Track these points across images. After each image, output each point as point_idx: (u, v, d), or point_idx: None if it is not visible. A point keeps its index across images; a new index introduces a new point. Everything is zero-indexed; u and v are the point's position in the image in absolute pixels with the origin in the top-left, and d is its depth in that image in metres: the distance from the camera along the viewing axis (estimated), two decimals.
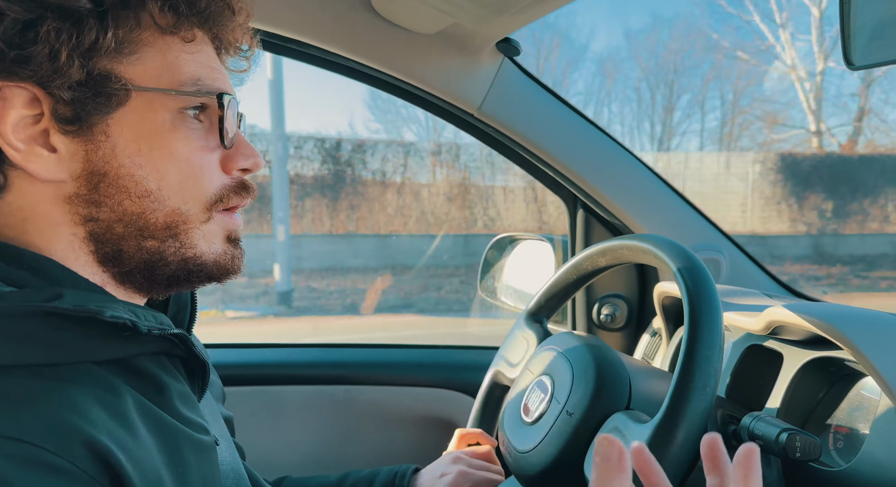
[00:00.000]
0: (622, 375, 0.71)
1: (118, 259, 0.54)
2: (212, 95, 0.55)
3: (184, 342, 0.54)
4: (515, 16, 0.89)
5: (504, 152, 1.19)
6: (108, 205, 0.52)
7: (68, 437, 0.42)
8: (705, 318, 0.63)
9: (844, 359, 0.76)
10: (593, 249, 0.84)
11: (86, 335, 0.47)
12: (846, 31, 0.68)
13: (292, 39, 0.99)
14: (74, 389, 0.45)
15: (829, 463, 0.73)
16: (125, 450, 0.44)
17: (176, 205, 0.54)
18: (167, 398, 0.52)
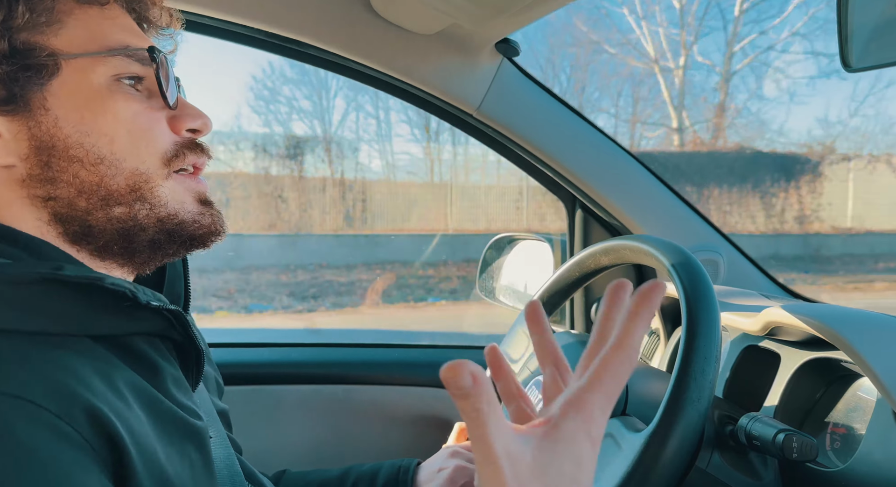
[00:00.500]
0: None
1: (89, 235, 0.53)
2: (143, 53, 0.54)
3: (180, 321, 0.53)
4: (514, 17, 0.89)
5: (503, 152, 1.19)
6: (64, 179, 0.51)
7: (69, 402, 0.42)
8: (703, 326, 0.63)
9: (841, 360, 0.76)
10: (597, 247, 0.84)
11: (86, 304, 0.47)
12: (843, 33, 0.68)
13: (292, 39, 0.99)
14: (74, 357, 0.45)
15: (826, 464, 0.73)
16: (123, 421, 0.44)
17: (133, 165, 0.53)
18: (161, 381, 0.52)
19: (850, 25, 0.69)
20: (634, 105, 12.62)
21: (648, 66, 12.27)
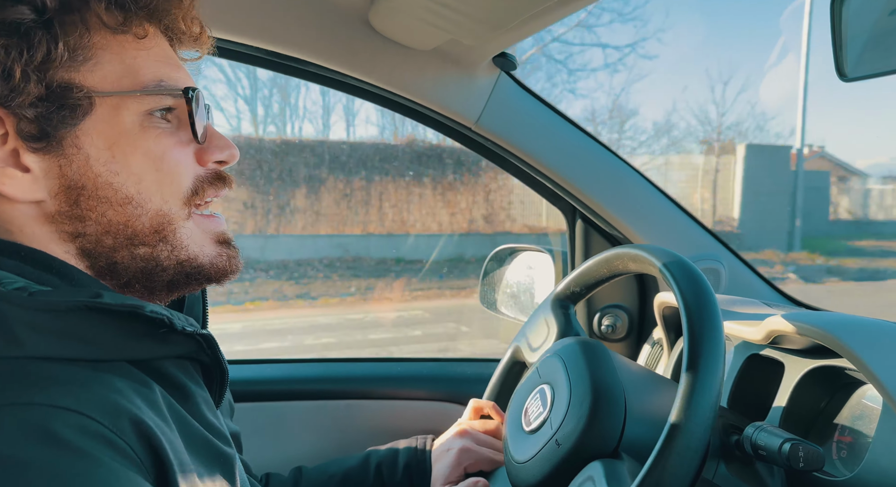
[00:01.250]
0: (616, 413, 0.69)
1: (114, 271, 0.54)
2: (177, 93, 0.54)
3: (210, 344, 0.54)
4: (511, 31, 0.90)
5: (502, 165, 1.20)
6: (92, 218, 0.52)
7: (118, 415, 0.43)
8: (706, 342, 0.62)
9: (845, 368, 0.76)
10: (626, 250, 0.82)
11: (123, 331, 0.48)
12: (837, 42, 0.69)
13: (291, 57, 1.00)
14: (115, 378, 0.46)
15: (833, 473, 0.73)
16: (165, 436, 0.45)
17: (158, 206, 0.54)
18: (193, 403, 0.53)
19: (844, 35, 0.70)
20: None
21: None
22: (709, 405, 0.60)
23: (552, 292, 0.92)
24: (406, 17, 0.91)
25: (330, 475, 0.89)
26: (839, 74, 0.68)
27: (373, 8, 0.93)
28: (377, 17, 0.95)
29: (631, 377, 0.75)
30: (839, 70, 0.67)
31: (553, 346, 0.84)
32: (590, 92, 22.64)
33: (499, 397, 0.97)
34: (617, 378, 0.72)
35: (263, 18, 0.95)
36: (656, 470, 0.58)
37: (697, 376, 0.60)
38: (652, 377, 0.79)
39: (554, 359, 0.80)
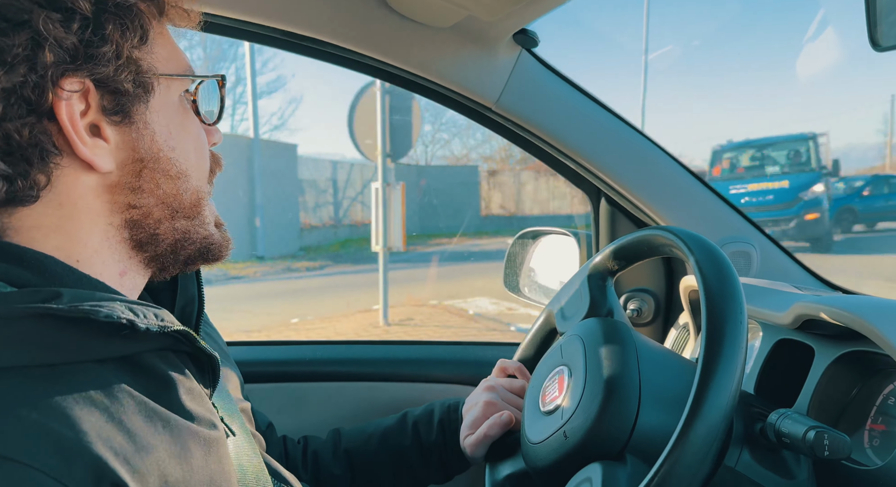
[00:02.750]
0: (627, 414, 0.67)
1: (151, 243, 0.56)
2: (215, 77, 0.60)
3: (187, 338, 0.54)
4: (530, 6, 0.87)
5: (524, 146, 1.17)
6: (148, 189, 0.55)
7: (69, 458, 0.40)
8: (727, 313, 0.61)
9: (879, 353, 0.73)
10: (654, 231, 0.79)
11: (83, 334, 0.47)
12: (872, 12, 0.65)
13: (308, 37, 0.99)
14: (72, 394, 0.44)
15: (864, 462, 0.70)
16: (125, 458, 0.43)
17: (197, 183, 0.58)
18: (172, 395, 0.52)
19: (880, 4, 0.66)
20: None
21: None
22: (727, 391, 0.58)
23: (589, 261, 0.90)
24: None
25: (369, 434, 0.92)
26: (873, 44, 0.64)
27: None
28: None
29: (653, 361, 0.73)
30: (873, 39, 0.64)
31: (578, 326, 0.82)
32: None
33: (527, 360, 0.96)
34: (635, 372, 0.70)
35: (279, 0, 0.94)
36: (672, 456, 0.56)
37: (716, 361, 0.58)
38: (676, 361, 0.77)
39: (576, 341, 0.79)
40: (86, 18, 0.48)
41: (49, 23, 0.46)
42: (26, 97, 0.47)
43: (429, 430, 0.90)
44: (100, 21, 0.49)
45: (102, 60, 0.49)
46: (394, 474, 0.90)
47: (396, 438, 0.91)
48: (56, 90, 0.48)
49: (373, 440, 0.91)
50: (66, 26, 0.47)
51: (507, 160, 26.87)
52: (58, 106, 0.48)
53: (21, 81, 0.46)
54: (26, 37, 0.46)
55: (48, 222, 0.51)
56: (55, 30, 0.47)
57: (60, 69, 0.48)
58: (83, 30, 0.48)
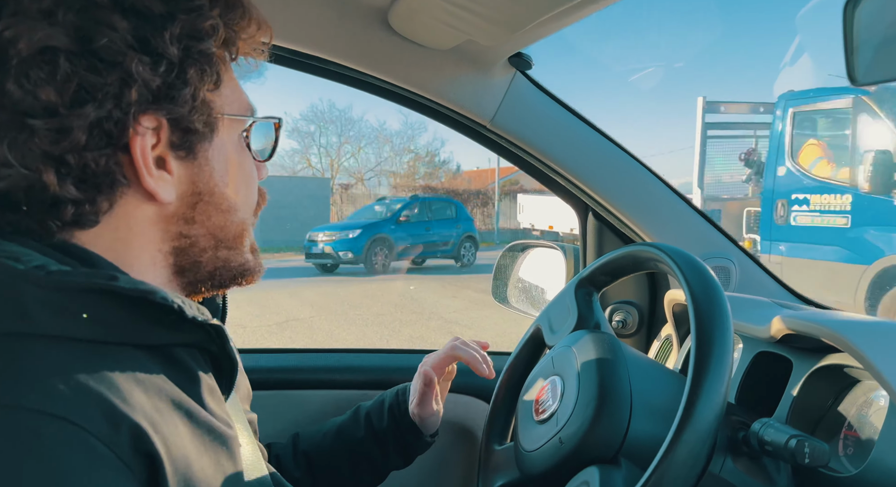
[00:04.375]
0: (620, 419, 0.70)
1: (195, 269, 0.59)
2: (273, 120, 0.64)
3: (220, 335, 0.57)
4: (528, 33, 0.91)
5: (516, 162, 1.21)
6: (199, 221, 0.57)
7: (113, 422, 0.44)
8: (716, 323, 0.64)
9: (853, 366, 0.77)
10: (641, 246, 0.82)
11: (134, 316, 0.50)
12: (849, 47, 0.69)
13: (311, 56, 1.02)
14: (118, 370, 0.47)
15: (839, 469, 0.74)
16: (161, 435, 0.47)
17: (244, 216, 0.62)
18: (197, 389, 0.55)
19: (856, 40, 0.70)
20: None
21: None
22: (716, 401, 0.61)
23: (577, 276, 0.93)
24: (425, 17, 0.93)
25: (324, 433, 0.96)
26: (851, 80, 0.68)
27: (392, 9, 0.95)
28: (396, 17, 0.97)
29: (641, 371, 0.76)
30: (850, 75, 0.68)
31: (569, 338, 0.85)
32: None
33: (515, 374, 0.99)
34: (626, 381, 0.73)
35: (286, 18, 0.97)
36: (665, 462, 0.60)
37: (706, 371, 0.62)
38: (663, 372, 0.81)
39: (568, 352, 0.82)
40: (171, 63, 0.52)
41: (140, 65, 0.50)
42: (108, 130, 0.50)
43: (380, 418, 0.93)
44: (183, 66, 0.52)
45: (180, 101, 0.53)
46: (351, 467, 0.93)
47: (350, 432, 0.94)
48: (135, 126, 0.51)
49: (328, 438, 0.94)
50: (153, 69, 0.51)
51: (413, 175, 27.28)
52: (133, 140, 0.51)
53: (106, 116, 0.49)
54: (117, 76, 0.49)
55: (101, 243, 0.53)
56: (144, 72, 0.50)
57: (143, 107, 0.51)
58: (168, 73, 0.52)
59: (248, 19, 0.59)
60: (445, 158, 32.78)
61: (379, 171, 28.02)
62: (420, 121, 29.48)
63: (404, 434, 0.93)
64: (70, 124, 0.48)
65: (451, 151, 33.67)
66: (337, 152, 27.90)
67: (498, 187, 24.35)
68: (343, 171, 27.67)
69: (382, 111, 31.02)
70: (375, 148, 29.62)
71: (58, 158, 0.49)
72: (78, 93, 0.48)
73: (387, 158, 28.78)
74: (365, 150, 28.74)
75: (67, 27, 0.48)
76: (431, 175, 28.87)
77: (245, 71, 0.64)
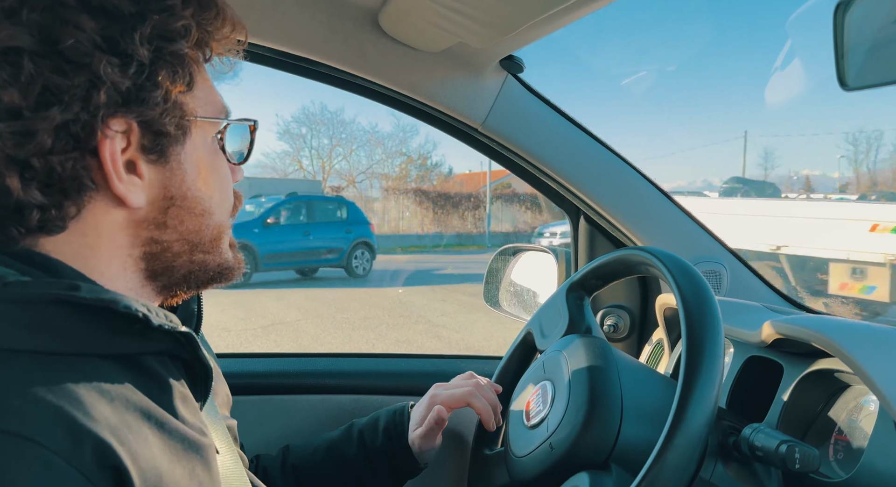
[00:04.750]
0: (611, 425, 0.70)
1: (167, 274, 0.58)
2: (248, 122, 0.63)
3: (190, 342, 0.55)
4: (519, 35, 0.91)
5: (508, 166, 1.21)
6: (171, 226, 0.56)
7: (75, 437, 0.42)
8: (707, 326, 0.64)
9: (844, 371, 0.77)
10: (632, 251, 0.83)
11: (97, 326, 0.48)
12: (839, 51, 0.69)
13: (302, 57, 1.01)
14: (79, 380, 0.46)
15: (829, 474, 0.74)
16: (128, 448, 0.45)
17: (219, 219, 0.60)
18: (169, 398, 0.53)
19: (847, 44, 0.71)
20: None
21: None
22: (707, 405, 0.61)
23: (568, 280, 0.93)
24: (416, 20, 0.92)
25: (315, 448, 0.94)
26: (841, 84, 0.68)
27: (383, 11, 0.95)
28: (387, 19, 0.96)
29: (632, 376, 0.76)
30: (841, 80, 0.68)
31: (559, 342, 0.85)
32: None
33: (506, 378, 0.99)
34: (616, 385, 0.73)
35: (276, 20, 0.96)
36: (656, 466, 0.59)
37: (696, 376, 0.62)
38: (654, 376, 0.81)
39: (559, 357, 0.81)
40: (142, 64, 0.50)
41: (108, 67, 0.48)
42: (75, 133, 0.48)
43: (374, 437, 0.92)
44: (154, 68, 0.51)
45: (151, 104, 0.51)
46: (340, 484, 0.92)
47: (341, 448, 0.92)
48: (103, 129, 0.50)
49: (318, 453, 0.93)
50: (122, 71, 0.49)
51: (405, 178, 27.24)
52: (102, 144, 0.50)
53: (72, 119, 0.48)
54: (84, 78, 0.48)
55: (69, 249, 0.52)
56: (112, 74, 0.49)
57: (111, 110, 0.50)
58: (138, 75, 0.50)
59: (221, 20, 0.57)
60: (437, 161, 32.84)
61: (370, 173, 28.08)
62: (412, 123, 29.70)
63: (399, 458, 0.91)
64: (35, 127, 0.47)
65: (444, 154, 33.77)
66: (328, 155, 27.93)
67: (489, 191, 24.44)
68: (334, 173, 27.69)
69: (374, 114, 31.16)
70: (367, 150, 29.71)
71: (22, 161, 0.47)
72: (43, 95, 0.47)
73: (379, 160, 28.83)
74: (357, 152, 28.83)
75: (31, 27, 0.46)
76: (423, 178, 28.96)
77: (219, 72, 0.63)
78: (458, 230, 23.78)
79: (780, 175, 34.54)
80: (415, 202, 24.24)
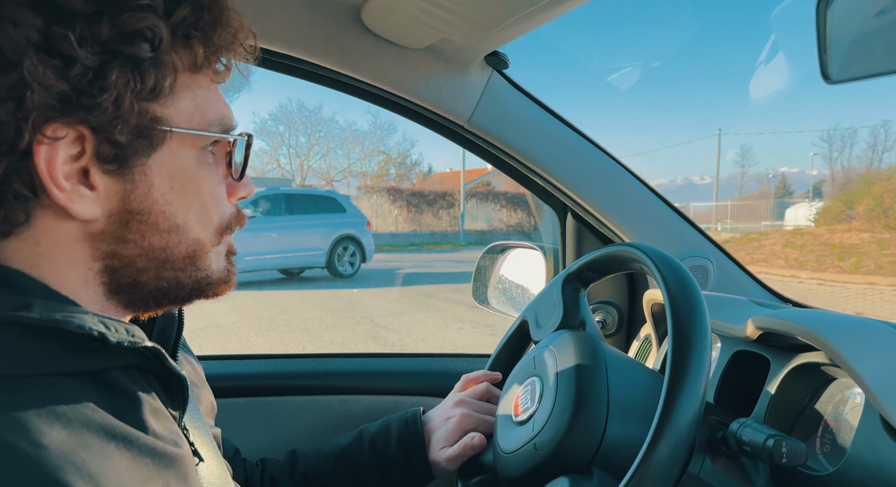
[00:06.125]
0: (595, 428, 0.70)
1: (133, 289, 0.55)
2: (240, 136, 0.58)
3: (157, 356, 0.53)
4: (503, 31, 0.90)
5: (494, 162, 1.20)
6: (134, 241, 0.53)
7: (13, 465, 0.40)
8: (694, 321, 0.64)
9: (829, 364, 0.77)
10: (620, 247, 0.82)
11: (51, 346, 0.46)
12: (822, 45, 0.69)
13: (284, 54, 1.00)
14: (31, 404, 0.43)
15: (816, 467, 0.74)
16: (84, 469, 0.42)
17: (196, 235, 0.56)
18: (136, 413, 0.51)
19: (829, 37, 0.71)
20: None
21: None
22: (695, 400, 0.61)
23: (565, 271, 0.92)
24: (398, 15, 0.92)
25: (325, 455, 0.91)
26: (824, 78, 0.68)
27: (365, 6, 0.94)
28: (370, 15, 0.95)
29: (621, 372, 0.76)
30: (824, 73, 0.68)
31: (549, 338, 0.85)
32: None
33: (500, 365, 0.98)
34: (604, 386, 0.73)
35: (255, 16, 0.95)
36: (645, 463, 0.59)
37: (684, 371, 0.61)
38: (643, 371, 0.80)
39: (548, 353, 0.81)
40: (86, 67, 0.47)
41: (39, 67, 0.45)
42: (6, 137, 0.46)
43: (386, 446, 0.89)
44: (103, 70, 0.48)
45: (98, 110, 0.48)
46: None
47: (353, 457, 0.90)
48: (37, 135, 0.47)
49: (329, 461, 0.90)
50: (60, 73, 0.46)
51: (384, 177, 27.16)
52: (37, 150, 0.47)
53: (3, 121, 0.45)
54: (15, 78, 0.45)
55: (23, 257, 0.50)
56: (45, 75, 0.45)
57: (46, 114, 0.46)
58: (81, 77, 0.47)
59: (221, 24, 0.54)
60: (417, 159, 32.83)
61: (349, 172, 28.06)
62: (389, 121, 29.73)
63: (413, 469, 0.89)
64: None
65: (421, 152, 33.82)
66: (307, 153, 27.86)
67: (463, 189, 24.43)
68: (312, 172, 27.62)
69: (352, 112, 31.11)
70: (346, 149, 29.67)
71: None
72: None
73: (357, 159, 28.81)
74: (335, 151, 28.79)
75: None
76: (403, 176, 28.94)
77: (222, 80, 0.59)
78: (433, 229, 23.84)
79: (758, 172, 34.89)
80: (389, 201, 24.25)
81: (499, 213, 25.13)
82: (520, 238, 15.70)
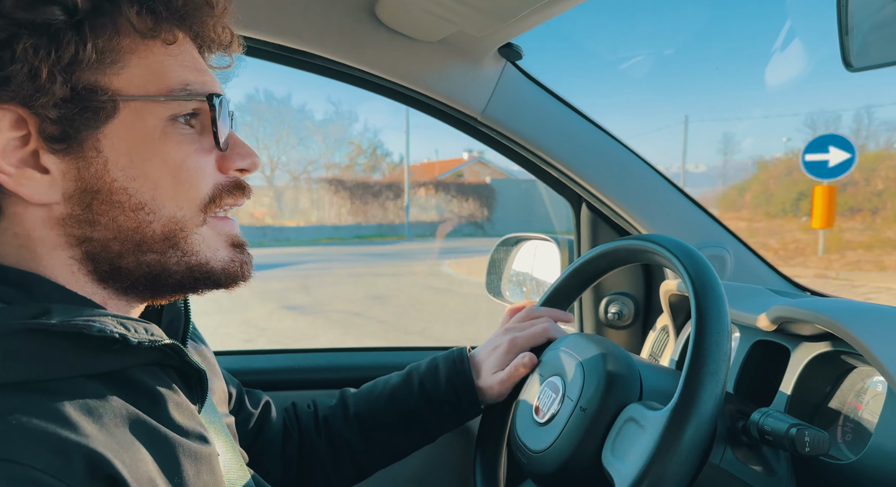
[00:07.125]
0: (633, 369, 0.73)
1: (117, 276, 0.53)
2: (202, 98, 0.54)
3: (176, 351, 0.53)
4: (517, 23, 0.90)
5: (508, 154, 1.20)
6: (102, 223, 0.51)
7: (66, 456, 0.41)
8: (712, 308, 0.65)
9: (851, 353, 0.77)
10: (636, 240, 0.83)
11: (75, 349, 0.46)
12: (843, 30, 0.68)
13: (298, 50, 1.00)
14: (65, 403, 0.44)
15: (838, 456, 0.74)
16: (121, 460, 0.43)
17: (171, 213, 0.53)
18: (162, 409, 0.51)
19: (850, 23, 0.69)
20: None
21: None
22: (715, 390, 0.61)
23: (576, 263, 0.93)
24: (413, 9, 0.91)
25: (377, 396, 0.93)
26: (845, 64, 0.67)
27: (379, 1, 0.94)
28: (383, 9, 0.95)
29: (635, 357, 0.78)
30: (845, 60, 0.67)
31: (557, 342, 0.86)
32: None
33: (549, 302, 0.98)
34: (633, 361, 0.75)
35: (270, 12, 0.95)
36: (664, 453, 0.59)
37: (704, 360, 0.62)
38: (659, 366, 0.81)
39: (556, 353, 0.82)
40: None
41: None
42: None
43: (436, 386, 0.91)
44: (9, 42, 0.45)
45: (13, 83, 0.46)
46: (406, 432, 0.92)
47: (404, 397, 0.92)
48: None
49: (381, 401, 0.92)
50: None
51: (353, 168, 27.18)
52: None
53: None
54: None
55: (9, 251, 0.50)
56: None
57: None
58: None
59: None
60: (388, 150, 32.62)
61: (318, 165, 27.89)
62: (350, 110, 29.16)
63: (463, 404, 0.91)
64: None
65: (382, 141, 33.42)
66: (276, 144, 27.71)
67: (407, 180, 23.90)
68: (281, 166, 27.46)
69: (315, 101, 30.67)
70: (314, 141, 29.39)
71: None
72: None
73: (324, 151, 28.58)
74: (304, 142, 28.63)
75: None
76: (373, 167, 28.70)
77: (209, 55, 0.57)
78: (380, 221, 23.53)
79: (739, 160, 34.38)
80: (330, 191, 23.75)
81: (449, 203, 24.80)
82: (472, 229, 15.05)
